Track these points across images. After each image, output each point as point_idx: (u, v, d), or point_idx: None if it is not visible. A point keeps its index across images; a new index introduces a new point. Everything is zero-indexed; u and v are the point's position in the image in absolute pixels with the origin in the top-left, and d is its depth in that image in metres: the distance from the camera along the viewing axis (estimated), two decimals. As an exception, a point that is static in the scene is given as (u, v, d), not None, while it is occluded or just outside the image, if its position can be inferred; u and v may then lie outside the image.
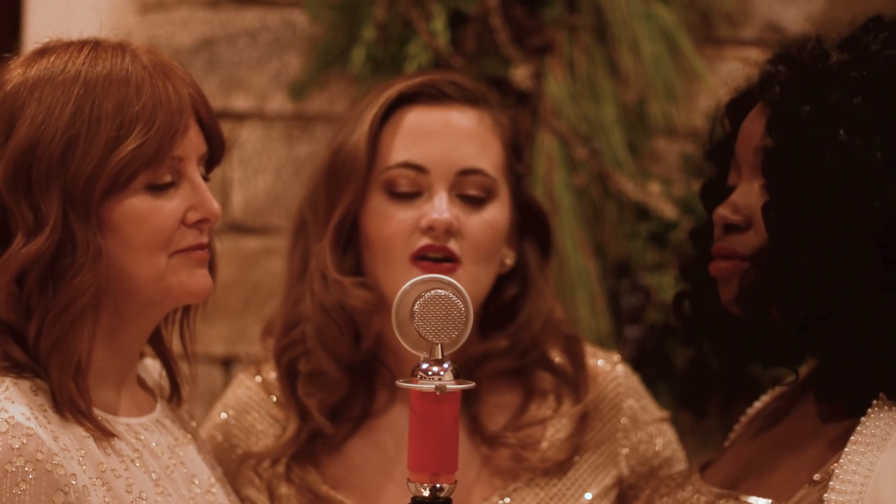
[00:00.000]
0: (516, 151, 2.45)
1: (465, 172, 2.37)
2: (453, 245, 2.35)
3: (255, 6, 3.33)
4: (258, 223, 3.29)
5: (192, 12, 3.34)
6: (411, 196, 2.36)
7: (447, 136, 2.37)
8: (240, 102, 3.30)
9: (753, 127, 2.10)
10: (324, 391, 2.39)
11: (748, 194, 2.09)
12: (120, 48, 2.05)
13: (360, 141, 2.36)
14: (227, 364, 3.29)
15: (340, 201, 2.37)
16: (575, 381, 2.45)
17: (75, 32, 2.10)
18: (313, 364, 2.39)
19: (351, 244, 2.39)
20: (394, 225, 2.35)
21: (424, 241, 2.34)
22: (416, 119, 2.38)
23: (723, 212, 2.10)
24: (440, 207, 2.34)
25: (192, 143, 2.08)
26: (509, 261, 2.44)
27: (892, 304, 1.96)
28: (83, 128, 1.99)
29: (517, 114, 3.17)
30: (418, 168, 2.36)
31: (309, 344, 2.39)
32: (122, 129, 2.00)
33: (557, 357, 2.46)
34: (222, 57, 3.31)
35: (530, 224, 2.47)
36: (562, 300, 2.98)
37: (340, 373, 2.38)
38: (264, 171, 3.31)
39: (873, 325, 1.96)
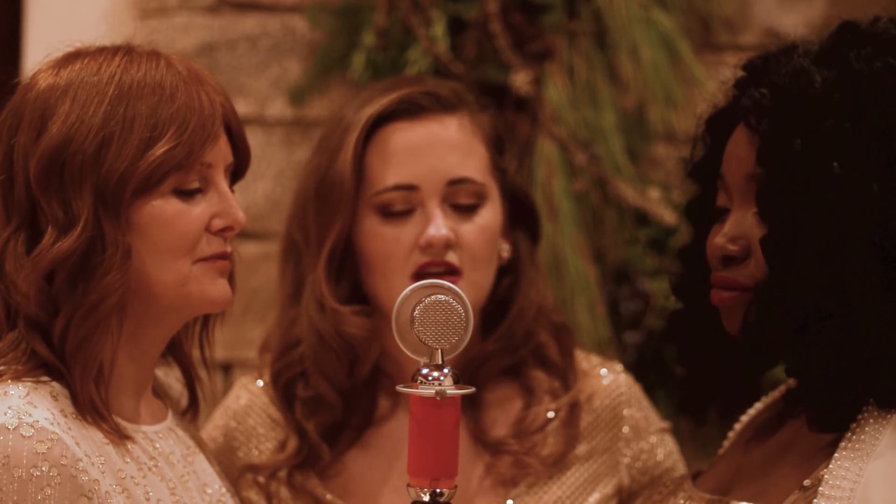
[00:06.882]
0: (499, 146, 2.45)
1: (454, 182, 2.37)
2: (452, 257, 2.36)
3: (256, 12, 3.33)
4: (258, 228, 3.29)
5: (192, 17, 3.34)
6: (405, 214, 2.37)
7: (431, 150, 2.38)
8: (240, 108, 3.23)
9: (740, 152, 2.07)
10: (321, 414, 2.40)
11: (743, 223, 2.07)
12: (154, 55, 2.06)
13: (345, 167, 2.36)
14: (227, 369, 3.29)
15: (331, 228, 2.38)
16: (563, 370, 2.45)
17: (76, 36, 2.10)
18: (311, 388, 2.39)
19: (345, 269, 2.40)
20: (392, 245, 2.36)
21: (424, 258, 2.35)
22: (399, 138, 2.38)
23: (720, 242, 2.08)
24: (437, 224, 2.35)
25: (221, 151, 2.09)
26: (505, 254, 2.45)
27: (890, 313, 1.97)
28: (117, 127, 1.99)
29: (516, 119, 3.18)
30: (409, 188, 2.36)
31: (307, 368, 2.39)
32: (156, 130, 2.00)
33: (549, 347, 2.46)
34: (222, 62, 3.31)
35: (520, 213, 2.48)
36: (561, 306, 2.98)
37: (337, 397, 2.39)
38: (264, 177, 3.30)
39: (870, 334, 1.96)
